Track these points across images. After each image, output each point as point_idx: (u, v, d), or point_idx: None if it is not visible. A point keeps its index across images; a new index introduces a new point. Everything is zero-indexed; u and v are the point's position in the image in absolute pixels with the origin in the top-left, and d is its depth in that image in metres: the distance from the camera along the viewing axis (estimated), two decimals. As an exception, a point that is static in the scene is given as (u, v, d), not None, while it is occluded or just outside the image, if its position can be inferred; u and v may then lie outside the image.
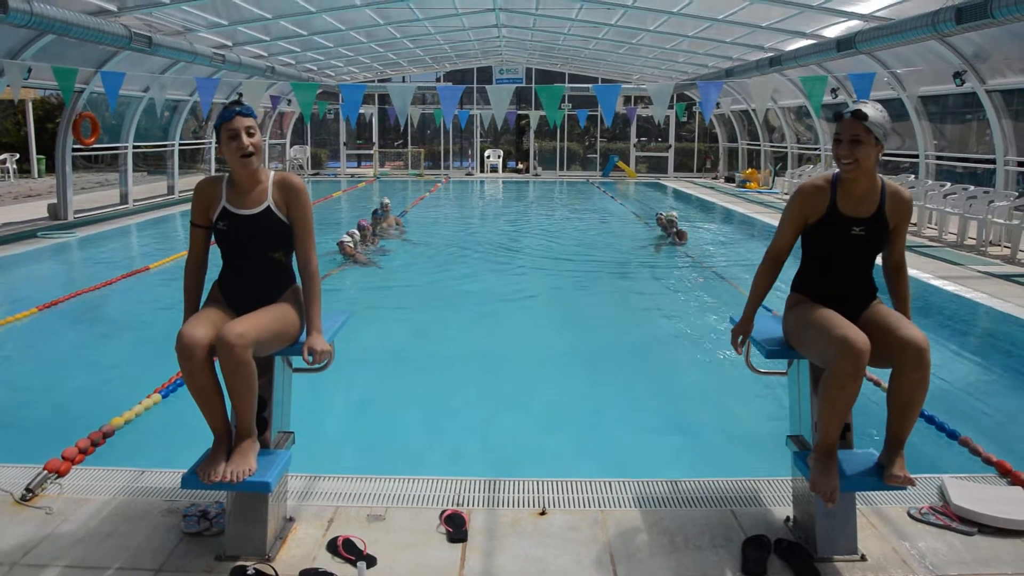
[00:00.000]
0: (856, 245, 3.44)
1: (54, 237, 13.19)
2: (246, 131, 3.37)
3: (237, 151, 3.37)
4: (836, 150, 3.37)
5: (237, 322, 3.22)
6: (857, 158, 3.31)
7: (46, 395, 6.24)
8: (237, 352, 3.12)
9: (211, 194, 3.49)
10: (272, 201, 3.47)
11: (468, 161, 32.53)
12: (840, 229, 3.43)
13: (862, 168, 3.34)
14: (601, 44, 22.34)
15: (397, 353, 7.50)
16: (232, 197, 3.47)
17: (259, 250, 3.48)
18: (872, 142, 3.31)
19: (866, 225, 3.42)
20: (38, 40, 12.38)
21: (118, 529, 3.59)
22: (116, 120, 17.30)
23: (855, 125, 3.30)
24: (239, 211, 3.45)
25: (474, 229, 16.80)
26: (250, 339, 3.17)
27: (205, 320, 3.27)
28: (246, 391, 3.23)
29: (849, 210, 3.43)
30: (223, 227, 3.45)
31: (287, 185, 3.49)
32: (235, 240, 3.46)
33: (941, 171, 16.03)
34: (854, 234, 3.42)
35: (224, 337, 3.13)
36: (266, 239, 3.47)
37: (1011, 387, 6.70)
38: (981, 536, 3.60)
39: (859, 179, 3.39)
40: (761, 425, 5.74)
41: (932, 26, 10.43)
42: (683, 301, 9.99)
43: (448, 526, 3.64)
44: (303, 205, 3.50)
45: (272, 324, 3.34)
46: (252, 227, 3.45)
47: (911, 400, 3.20)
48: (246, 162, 3.39)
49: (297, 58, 22.01)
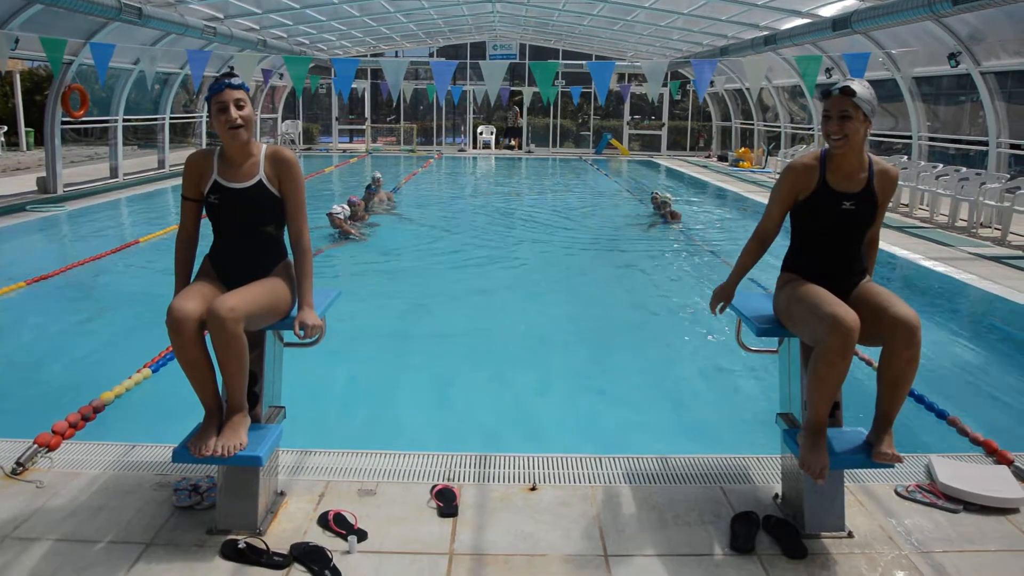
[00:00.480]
0: (847, 219, 3.46)
1: (43, 211, 13.11)
2: (235, 103, 3.35)
3: (225, 123, 3.35)
4: (825, 126, 3.41)
5: (228, 296, 3.21)
6: (846, 133, 3.35)
7: (36, 370, 6.22)
8: (228, 326, 3.12)
9: (203, 167, 3.46)
10: (264, 175, 3.45)
11: (461, 137, 32.40)
12: (831, 204, 3.45)
13: (851, 143, 3.37)
14: (595, 20, 22.22)
15: (388, 328, 7.50)
16: (223, 170, 3.44)
17: (250, 224, 3.47)
18: (860, 118, 3.35)
19: (856, 199, 3.45)
20: (26, 9, 12.24)
21: (109, 503, 3.60)
22: (106, 93, 17.14)
23: (844, 101, 3.33)
24: (230, 184, 3.42)
25: (466, 205, 16.77)
26: (241, 313, 3.16)
27: (196, 294, 3.26)
28: (237, 365, 3.22)
29: (839, 185, 3.46)
30: (214, 200, 3.43)
31: (279, 159, 3.47)
32: (226, 213, 3.45)
33: (934, 152, 16.04)
34: (845, 208, 3.44)
35: (215, 311, 3.12)
36: (257, 213, 3.46)
37: (999, 368, 6.75)
38: (966, 514, 3.63)
39: (848, 155, 3.43)
40: (751, 403, 5.78)
41: (928, 6, 10.42)
42: (675, 279, 10.01)
43: (439, 501, 3.65)
44: (295, 179, 3.48)
45: (263, 298, 3.33)
46: (243, 200, 3.43)
47: (901, 378, 3.22)
48: (234, 134, 3.37)
49: (289, 31, 21.84)
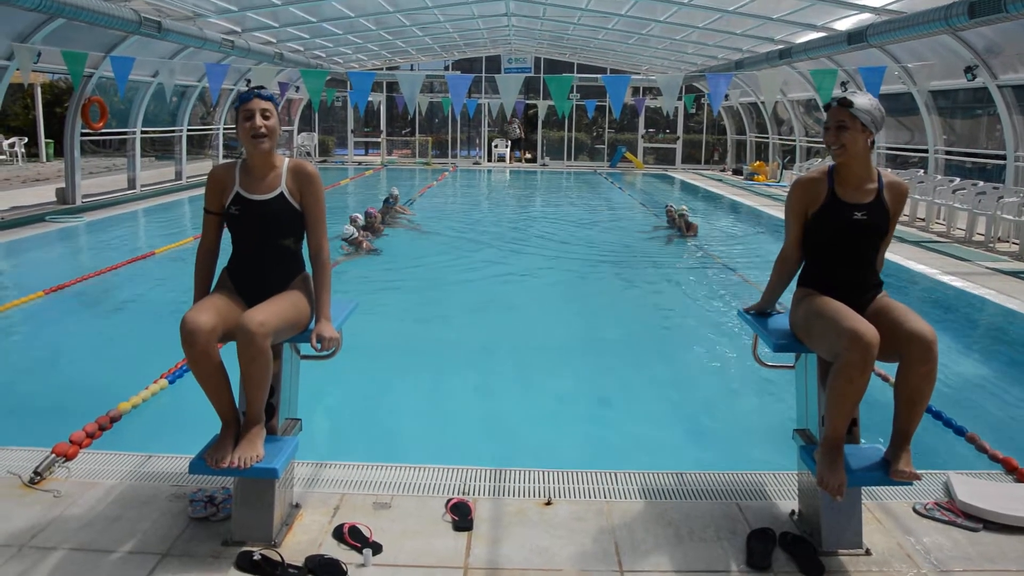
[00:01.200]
0: (859, 230, 3.47)
1: (62, 221, 13.22)
2: (261, 113, 3.40)
3: (250, 131, 3.39)
4: (825, 137, 3.49)
5: (257, 310, 3.23)
6: (844, 143, 3.41)
7: (54, 379, 6.27)
8: (258, 340, 3.14)
9: (225, 180, 3.50)
10: (286, 187, 3.48)
11: (476, 150, 32.49)
12: (842, 215, 3.47)
13: (850, 152, 3.42)
14: (610, 34, 22.27)
15: (404, 341, 7.51)
16: (245, 182, 3.48)
17: (270, 236, 3.49)
18: (859, 128, 3.40)
19: (867, 210, 3.47)
20: (48, 24, 12.37)
21: (125, 513, 3.61)
22: (125, 105, 17.30)
23: (840, 111, 3.42)
24: (252, 196, 3.46)
25: (482, 218, 16.79)
26: (271, 328, 3.19)
27: (210, 307, 3.27)
28: (262, 379, 3.24)
29: (848, 197, 3.49)
30: (235, 212, 3.46)
31: (301, 173, 3.50)
32: (247, 225, 3.47)
33: (950, 166, 15.96)
34: (856, 219, 3.46)
35: (245, 325, 3.14)
36: (277, 225, 3.48)
37: (1018, 384, 6.68)
38: (986, 532, 3.59)
39: (853, 166, 3.47)
40: (767, 419, 5.74)
41: (944, 20, 10.38)
42: (690, 293, 9.98)
43: (454, 515, 3.65)
44: (316, 193, 3.51)
45: (288, 312, 3.36)
46: (264, 212, 3.45)
47: (918, 394, 3.21)
48: (257, 143, 3.40)
49: (306, 45, 21.99)
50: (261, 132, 3.39)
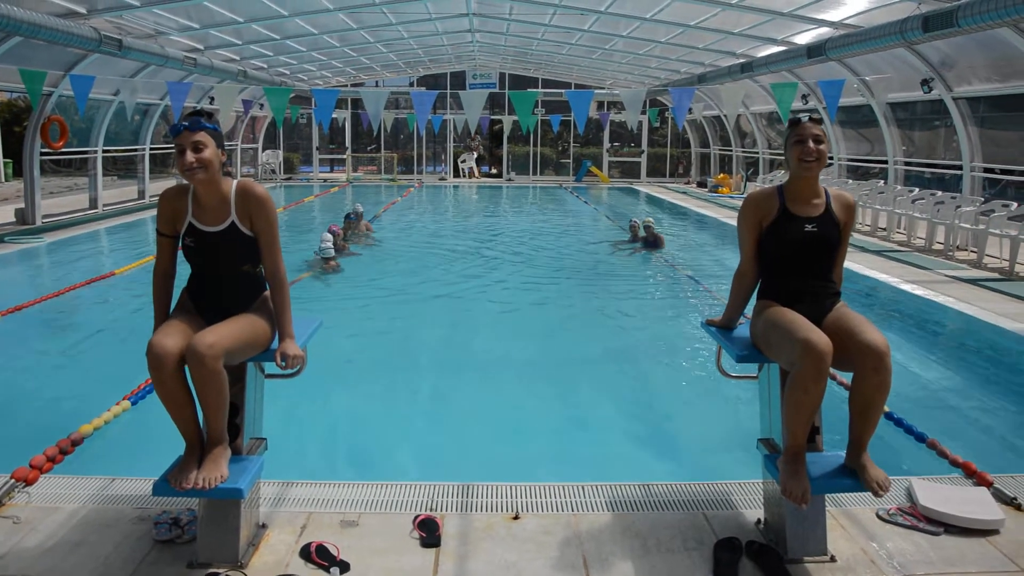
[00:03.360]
0: (811, 242, 3.56)
1: (21, 242, 13.01)
2: (192, 146, 3.29)
3: (180, 168, 3.30)
4: (799, 150, 3.55)
5: (207, 332, 3.20)
6: (821, 155, 3.52)
7: (13, 402, 6.15)
8: (208, 363, 3.11)
9: (177, 206, 3.44)
10: (236, 216, 3.42)
11: (441, 166, 32.50)
12: (793, 228, 3.57)
13: (821, 165, 3.54)
14: (574, 49, 22.44)
15: (369, 359, 7.48)
16: (197, 212, 3.42)
17: (228, 265, 3.47)
18: (826, 142, 3.57)
19: (817, 222, 3.57)
20: (5, 42, 12.21)
21: (88, 538, 3.56)
22: (85, 124, 17.11)
23: (817, 126, 3.55)
24: (205, 228, 3.41)
25: (446, 234, 16.79)
26: (220, 349, 3.15)
27: (175, 330, 3.25)
28: (217, 400, 3.21)
29: (799, 211, 3.59)
30: (190, 243, 3.42)
31: (250, 197, 3.42)
32: (203, 256, 3.44)
33: (910, 176, 16.24)
34: (808, 231, 3.56)
35: (195, 348, 3.12)
36: (233, 255, 3.45)
37: (977, 389, 6.81)
38: (947, 536, 3.65)
39: (808, 181, 3.58)
40: (732, 429, 5.79)
41: (900, 34, 10.59)
42: (655, 305, 10.05)
43: (421, 531, 3.64)
44: (267, 216, 3.44)
45: (242, 333, 3.32)
46: (219, 244, 3.42)
47: (871, 403, 3.26)
48: (192, 175, 3.31)
49: (269, 62, 21.90)
50: (193, 166, 3.29)
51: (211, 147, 3.33)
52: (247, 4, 14.52)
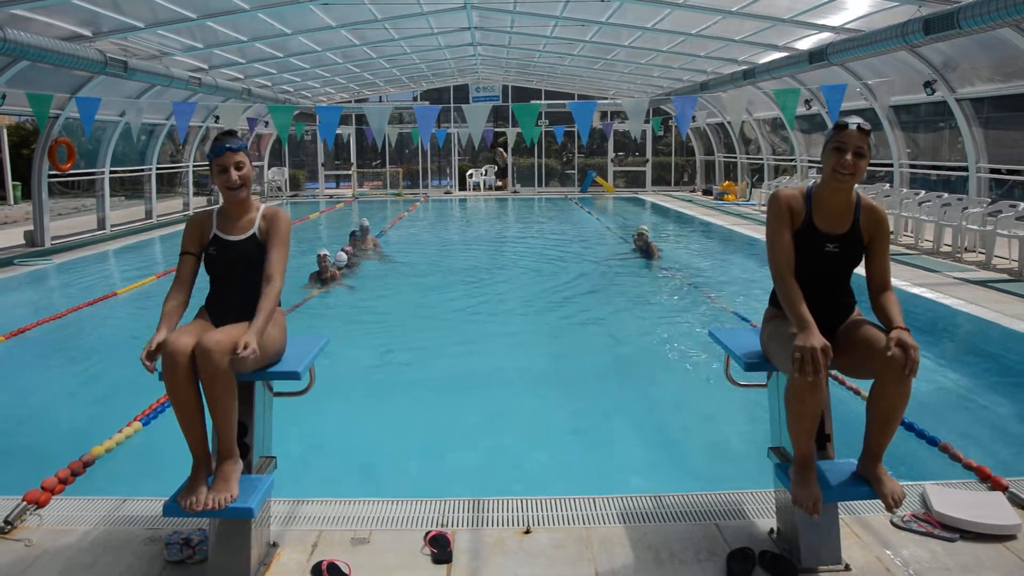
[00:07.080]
0: (830, 262, 3.42)
1: (31, 264, 13.07)
2: (235, 166, 3.55)
3: (225, 184, 3.56)
4: (836, 159, 3.30)
5: (216, 331, 3.32)
6: (858, 170, 3.30)
7: (25, 425, 6.17)
8: (215, 357, 3.16)
9: (205, 224, 3.68)
10: (258, 229, 3.64)
11: (446, 180, 32.56)
12: (815, 245, 3.40)
13: (856, 180, 3.32)
14: (576, 60, 22.50)
15: (377, 375, 7.48)
16: (223, 225, 3.66)
17: (245, 274, 3.59)
18: (869, 156, 3.33)
19: (840, 243, 3.39)
20: (12, 66, 12.31)
21: (100, 559, 3.55)
22: (92, 145, 17.20)
23: (863, 137, 3.29)
24: (228, 237, 3.62)
25: (454, 248, 16.80)
26: (227, 346, 3.20)
27: (190, 331, 3.36)
28: (225, 402, 3.23)
29: (824, 226, 3.40)
30: (213, 252, 3.62)
31: (272, 216, 3.67)
32: (223, 264, 3.61)
33: (915, 179, 16.22)
34: (828, 251, 3.40)
35: (203, 343, 3.20)
36: (249, 264, 3.58)
37: (989, 392, 6.77)
38: (963, 542, 3.62)
39: (841, 192, 3.36)
40: (743, 438, 5.76)
41: (902, 37, 10.59)
42: (663, 315, 10.03)
43: (433, 547, 3.63)
44: (280, 228, 3.64)
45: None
46: (238, 252, 3.60)
47: (891, 413, 3.20)
48: (234, 194, 3.59)
49: (273, 80, 22.02)
50: (236, 184, 3.56)
51: (248, 166, 3.63)
52: (250, 23, 14.59)
